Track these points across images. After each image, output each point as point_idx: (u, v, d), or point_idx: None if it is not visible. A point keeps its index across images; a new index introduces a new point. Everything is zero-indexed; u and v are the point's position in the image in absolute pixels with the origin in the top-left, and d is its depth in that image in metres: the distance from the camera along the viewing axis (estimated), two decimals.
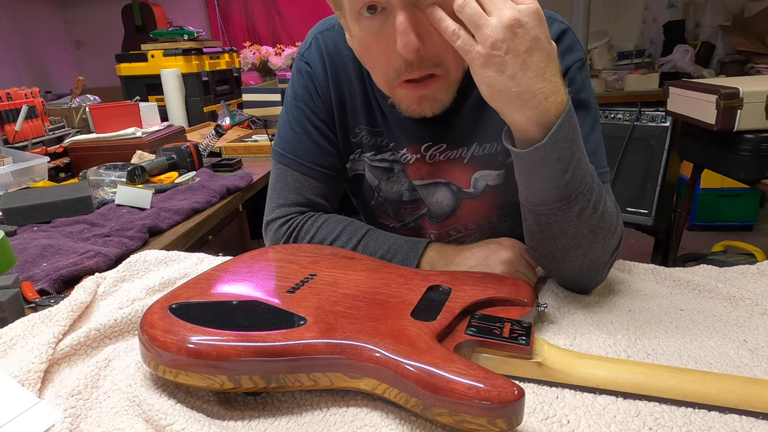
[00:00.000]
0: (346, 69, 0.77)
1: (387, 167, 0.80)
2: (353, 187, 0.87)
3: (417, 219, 0.84)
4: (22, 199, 1.19)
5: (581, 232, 0.60)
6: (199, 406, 0.48)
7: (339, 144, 0.80)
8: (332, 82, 0.77)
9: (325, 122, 0.79)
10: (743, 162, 1.43)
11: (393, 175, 0.81)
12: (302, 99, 0.79)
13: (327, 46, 0.77)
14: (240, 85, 2.74)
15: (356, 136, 0.80)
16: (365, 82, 0.76)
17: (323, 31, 0.78)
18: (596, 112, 0.73)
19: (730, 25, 3.31)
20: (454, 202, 0.80)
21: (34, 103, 1.67)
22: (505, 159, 0.77)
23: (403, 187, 0.81)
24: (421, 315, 0.51)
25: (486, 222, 0.83)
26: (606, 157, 0.72)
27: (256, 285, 0.58)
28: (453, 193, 0.79)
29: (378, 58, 0.63)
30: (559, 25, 0.72)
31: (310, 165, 0.79)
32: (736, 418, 0.44)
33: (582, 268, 0.64)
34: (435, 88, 0.63)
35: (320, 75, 0.77)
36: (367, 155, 0.80)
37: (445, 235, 0.84)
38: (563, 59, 0.70)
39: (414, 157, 0.77)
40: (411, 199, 0.82)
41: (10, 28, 3.55)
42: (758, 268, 0.72)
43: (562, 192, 0.57)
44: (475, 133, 0.75)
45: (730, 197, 2.83)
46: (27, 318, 0.63)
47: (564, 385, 0.49)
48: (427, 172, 0.78)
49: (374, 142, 0.79)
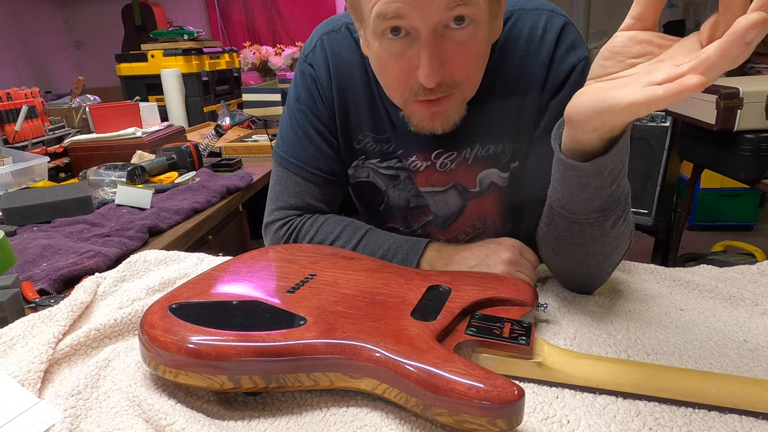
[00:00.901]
0: (351, 75, 0.75)
1: (393, 174, 0.80)
2: (359, 193, 0.87)
3: (424, 225, 0.84)
4: (22, 199, 1.19)
5: (609, 240, 0.59)
6: (199, 406, 0.48)
7: (341, 149, 0.80)
8: (336, 87, 0.76)
9: (327, 127, 0.78)
10: (743, 162, 1.43)
11: (399, 183, 0.80)
12: (305, 102, 0.78)
13: (332, 50, 0.75)
14: (240, 85, 2.74)
15: (360, 143, 0.79)
16: (372, 89, 0.75)
17: (329, 32, 0.76)
18: None
19: None
20: (461, 202, 0.80)
21: (34, 103, 1.67)
22: (509, 162, 0.76)
23: (409, 194, 0.81)
24: (421, 315, 0.51)
25: (491, 222, 0.83)
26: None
27: (256, 285, 0.58)
28: (460, 193, 0.79)
29: (396, 78, 0.63)
30: (560, 19, 0.70)
31: (310, 170, 0.78)
32: (736, 418, 0.44)
33: (596, 272, 0.64)
34: (448, 105, 0.63)
35: (324, 79, 0.76)
36: (372, 162, 0.80)
37: (453, 240, 0.84)
38: (566, 58, 0.69)
39: (424, 165, 0.77)
40: (417, 205, 0.82)
41: (10, 28, 3.55)
42: (758, 268, 0.72)
43: (605, 202, 0.55)
44: (477, 134, 0.75)
45: (730, 197, 2.83)
46: (27, 318, 0.63)
47: (564, 385, 0.49)
48: (438, 180, 0.78)
49: (380, 149, 0.78)
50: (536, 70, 0.69)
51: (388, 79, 0.65)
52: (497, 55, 0.70)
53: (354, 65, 0.75)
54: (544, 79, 0.69)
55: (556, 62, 0.69)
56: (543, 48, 0.69)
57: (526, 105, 0.72)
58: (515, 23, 0.70)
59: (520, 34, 0.70)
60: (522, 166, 0.76)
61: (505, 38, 0.69)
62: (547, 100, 0.70)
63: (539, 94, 0.70)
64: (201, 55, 2.44)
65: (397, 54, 0.60)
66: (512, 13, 0.70)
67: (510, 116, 0.73)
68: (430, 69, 0.57)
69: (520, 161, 0.76)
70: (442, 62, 0.58)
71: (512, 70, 0.70)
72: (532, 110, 0.72)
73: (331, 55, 0.75)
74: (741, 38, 0.35)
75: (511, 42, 0.70)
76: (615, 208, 0.57)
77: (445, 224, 0.82)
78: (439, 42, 0.57)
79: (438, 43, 0.57)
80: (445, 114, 0.65)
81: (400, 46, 0.59)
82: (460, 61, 0.59)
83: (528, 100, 0.71)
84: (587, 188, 0.54)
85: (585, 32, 2.48)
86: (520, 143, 0.75)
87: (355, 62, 0.74)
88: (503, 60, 0.70)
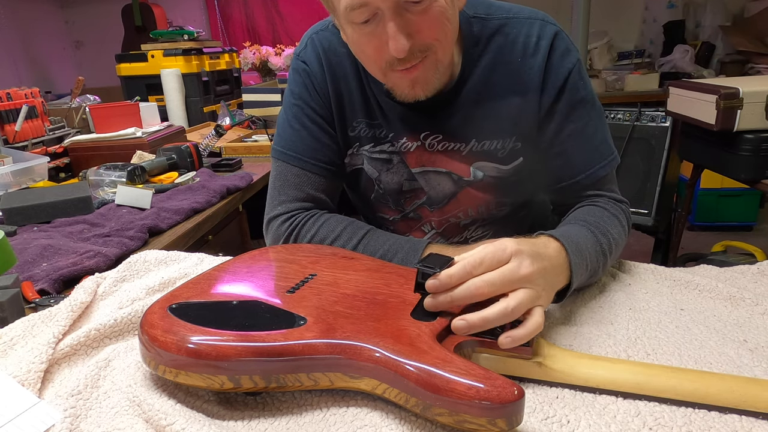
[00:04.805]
0: (342, 65, 0.79)
1: (386, 158, 0.82)
2: (352, 182, 0.89)
3: (416, 209, 0.86)
4: (22, 199, 1.19)
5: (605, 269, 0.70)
6: (199, 406, 0.48)
7: (338, 138, 0.82)
8: (329, 78, 0.80)
9: (323, 117, 0.81)
10: (743, 162, 1.43)
11: (392, 166, 0.83)
12: (300, 96, 0.81)
13: (323, 45, 0.80)
14: (240, 85, 2.74)
15: (354, 130, 0.82)
16: (361, 76, 0.79)
17: (318, 32, 0.82)
18: (598, 103, 0.78)
19: (730, 25, 3.30)
20: (455, 188, 0.82)
21: (34, 103, 1.67)
22: (509, 157, 0.79)
23: (402, 177, 0.83)
24: (421, 315, 0.51)
25: (485, 209, 0.85)
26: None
27: (256, 285, 0.58)
28: (454, 181, 0.82)
29: (371, 55, 0.69)
30: (552, 27, 0.76)
31: (309, 160, 0.80)
32: (736, 418, 0.44)
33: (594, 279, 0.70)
34: (424, 68, 0.68)
35: (317, 72, 0.80)
36: (365, 148, 0.82)
37: (445, 222, 0.86)
38: (562, 63, 0.75)
39: (414, 145, 0.80)
40: (410, 189, 0.84)
41: (10, 28, 3.55)
42: (758, 268, 0.72)
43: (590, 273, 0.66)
44: (473, 131, 0.77)
45: (730, 197, 2.83)
46: (27, 318, 0.63)
47: (564, 385, 0.49)
48: (427, 160, 0.81)
49: (373, 134, 0.81)
50: (533, 74, 0.75)
51: (365, 57, 0.70)
52: (493, 58, 0.76)
53: (344, 57, 0.79)
54: (541, 82, 0.75)
55: (553, 67, 0.75)
56: (538, 54, 0.74)
57: (525, 105, 0.76)
58: (511, 30, 0.76)
59: (516, 41, 0.75)
60: (526, 161, 0.80)
61: (501, 43, 0.76)
62: (549, 102, 0.75)
63: (538, 96, 0.75)
64: (201, 55, 2.44)
65: (369, 34, 0.66)
66: (507, 20, 0.76)
67: (507, 116, 0.77)
68: (396, 42, 0.63)
69: (525, 158, 0.79)
70: (409, 33, 0.64)
71: (509, 74, 0.76)
72: (533, 110, 0.76)
73: (322, 51, 0.80)
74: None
75: (507, 48, 0.76)
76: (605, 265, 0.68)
77: (439, 205, 0.84)
78: (403, 15, 0.63)
79: (402, 17, 0.63)
80: (425, 79, 0.69)
81: (370, 27, 0.65)
82: (426, 29, 0.64)
83: (527, 101, 0.76)
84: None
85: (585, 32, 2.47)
86: (522, 141, 0.78)
87: (345, 54, 0.79)
88: (500, 64, 0.76)
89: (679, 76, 3.09)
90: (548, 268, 0.55)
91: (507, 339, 0.48)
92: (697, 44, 3.36)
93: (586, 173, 0.76)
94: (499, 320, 0.49)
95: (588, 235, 0.67)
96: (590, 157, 0.76)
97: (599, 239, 0.68)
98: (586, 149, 0.76)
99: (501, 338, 0.48)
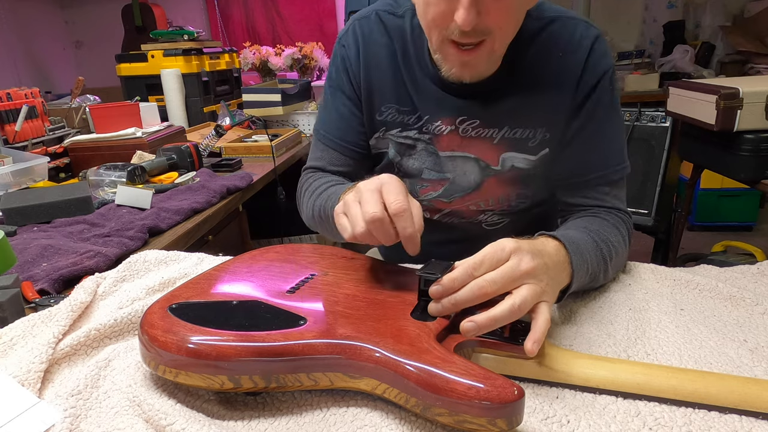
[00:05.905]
0: (378, 56, 0.85)
1: (410, 144, 0.86)
2: (375, 165, 0.94)
3: (430, 200, 0.89)
4: (22, 199, 1.19)
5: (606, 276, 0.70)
6: (199, 406, 0.48)
7: (364, 120, 0.88)
8: (363, 65, 0.85)
9: (352, 100, 0.87)
10: (743, 162, 1.43)
11: (415, 152, 0.86)
12: (335, 81, 0.89)
13: (363, 32, 0.86)
14: (240, 85, 2.73)
15: (381, 115, 0.86)
16: (398, 64, 0.84)
17: (361, 19, 0.87)
18: (621, 113, 0.82)
19: (730, 26, 3.30)
20: (480, 177, 0.84)
21: (34, 103, 1.66)
22: (537, 147, 0.81)
23: (423, 165, 0.86)
24: (421, 315, 0.51)
25: (506, 200, 0.87)
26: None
27: (256, 285, 0.58)
28: (481, 169, 0.84)
29: (436, 19, 0.69)
30: (594, 30, 0.80)
31: (333, 138, 0.89)
32: (736, 418, 0.44)
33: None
34: (478, 55, 0.70)
35: (353, 57, 0.86)
36: (392, 132, 0.87)
37: (464, 208, 0.88)
38: (599, 64, 0.78)
39: (448, 129, 0.82)
40: (429, 178, 0.87)
41: (10, 28, 3.55)
42: (758, 268, 0.72)
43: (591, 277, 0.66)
44: (508, 118, 0.80)
45: (730, 197, 2.83)
46: (27, 318, 0.63)
47: (564, 385, 0.49)
48: (458, 145, 0.83)
49: (401, 120, 0.85)
50: (572, 70, 0.78)
51: (429, 19, 0.71)
52: (538, 51, 0.78)
53: (381, 47, 0.84)
54: (578, 78, 0.78)
55: (590, 65, 0.77)
56: (579, 51, 0.78)
57: (560, 99, 0.79)
58: (556, 28, 0.79)
59: (560, 38, 0.78)
60: (552, 153, 0.82)
61: (546, 38, 0.79)
62: (580, 99, 0.78)
63: (573, 91, 0.78)
64: (201, 56, 2.43)
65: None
66: (554, 18, 0.80)
67: (543, 107, 0.80)
68: (467, 13, 0.64)
69: (550, 149, 0.81)
70: (479, 11, 0.65)
71: (550, 68, 0.78)
72: (565, 105, 0.79)
73: (361, 37, 0.86)
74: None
75: (552, 43, 0.78)
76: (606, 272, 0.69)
77: (461, 194, 0.87)
78: None
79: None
80: (476, 65, 0.72)
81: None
82: (495, 12, 0.65)
83: (562, 95, 0.79)
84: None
85: None
86: (552, 133, 0.80)
87: (383, 44, 0.84)
88: (543, 58, 0.78)
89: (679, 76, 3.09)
90: (549, 264, 0.55)
91: (534, 345, 0.47)
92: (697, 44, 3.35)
93: (598, 173, 0.78)
94: (507, 318, 0.49)
95: (587, 239, 0.67)
96: (606, 158, 0.79)
97: (599, 244, 0.68)
98: (603, 150, 0.79)
99: (527, 345, 0.47)
